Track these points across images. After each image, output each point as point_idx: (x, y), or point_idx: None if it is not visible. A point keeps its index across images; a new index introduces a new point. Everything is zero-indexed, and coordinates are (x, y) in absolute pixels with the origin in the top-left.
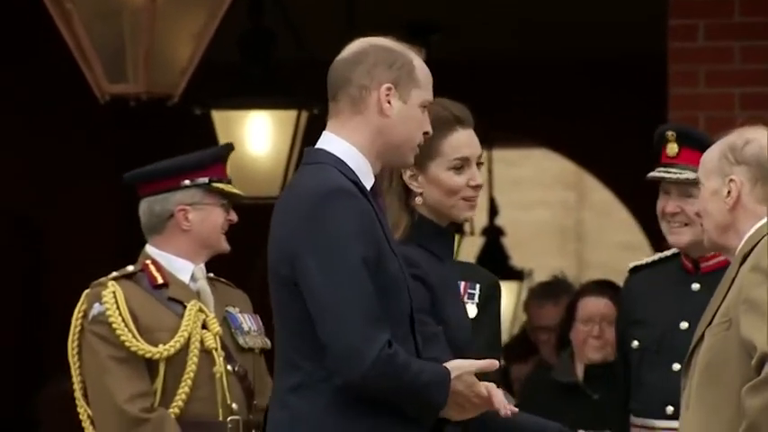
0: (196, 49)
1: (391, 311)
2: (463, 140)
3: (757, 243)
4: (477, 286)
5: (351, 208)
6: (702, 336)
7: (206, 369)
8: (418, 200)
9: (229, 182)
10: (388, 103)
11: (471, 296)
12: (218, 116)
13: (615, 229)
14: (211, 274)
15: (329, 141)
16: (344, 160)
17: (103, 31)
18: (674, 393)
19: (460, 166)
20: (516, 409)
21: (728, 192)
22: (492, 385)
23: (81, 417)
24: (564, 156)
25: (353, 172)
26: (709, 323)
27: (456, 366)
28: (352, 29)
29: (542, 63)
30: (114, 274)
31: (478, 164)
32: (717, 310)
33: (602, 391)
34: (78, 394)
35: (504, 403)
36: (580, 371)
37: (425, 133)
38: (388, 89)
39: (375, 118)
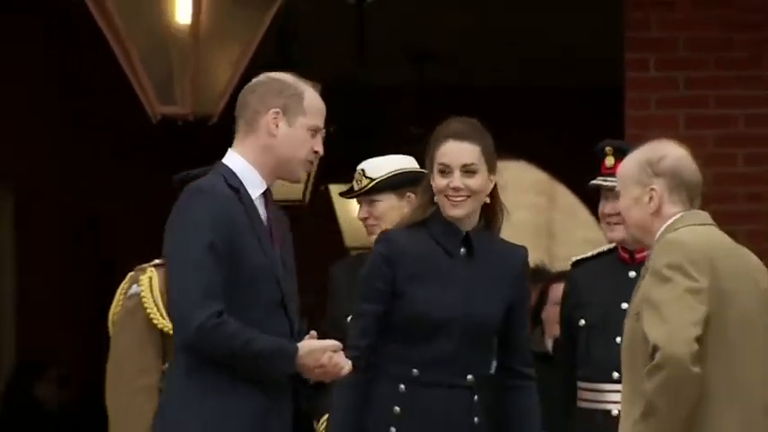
0: (233, 76)
1: (253, 296)
2: (447, 150)
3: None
4: None
5: (205, 203)
6: None
7: None
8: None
9: None
10: (275, 125)
11: None
12: None
13: (579, 227)
14: None
15: (229, 156)
16: (235, 171)
17: (155, 61)
18: (619, 362)
19: (443, 170)
20: (347, 368)
21: (650, 198)
22: (334, 356)
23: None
24: (538, 167)
25: (240, 181)
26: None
27: (306, 344)
28: (363, 57)
29: (522, 92)
30: (156, 261)
31: (468, 172)
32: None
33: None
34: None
35: (339, 367)
36: (549, 344)
37: (315, 152)
38: (276, 113)
39: (264, 138)
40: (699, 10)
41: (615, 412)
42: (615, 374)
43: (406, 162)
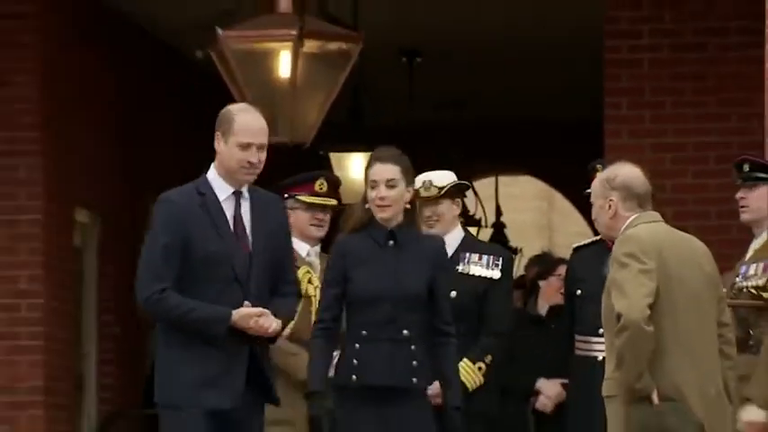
0: (319, 114)
1: (207, 275)
2: (375, 170)
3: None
4: (501, 259)
5: (162, 211)
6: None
7: (307, 307)
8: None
9: (318, 194)
10: (218, 145)
11: (497, 265)
12: (334, 157)
13: (572, 224)
14: (317, 249)
15: (210, 168)
16: (208, 179)
17: (264, 103)
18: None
19: (373, 185)
20: (273, 326)
21: (609, 206)
22: (258, 320)
23: None
24: (541, 180)
25: (210, 186)
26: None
27: (239, 311)
28: (412, 102)
29: (530, 125)
30: None
31: (390, 186)
32: None
33: (557, 323)
34: None
35: (264, 328)
36: (544, 309)
37: (249, 162)
38: (217, 136)
39: (217, 155)
40: (657, 68)
41: (600, 358)
42: (600, 330)
43: (453, 176)
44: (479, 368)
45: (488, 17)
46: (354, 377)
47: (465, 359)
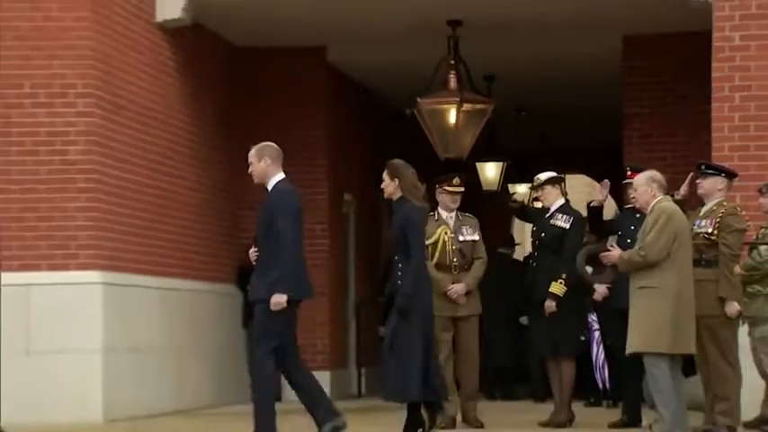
0: (471, 141)
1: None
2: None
3: (651, 210)
4: (572, 218)
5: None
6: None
7: (443, 248)
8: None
9: (454, 186)
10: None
11: (568, 221)
12: (478, 165)
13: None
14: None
15: None
16: None
17: (442, 135)
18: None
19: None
20: None
21: (651, 191)
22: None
23: None
24: (587, 176)
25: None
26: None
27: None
28: (491, 145)
29: (580, 149)
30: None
31: (384, 180)
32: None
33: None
34: None
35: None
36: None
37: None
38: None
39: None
40: (661, 120)
41: None
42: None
43: (551, 173)
44: (560, 282)
45: None
46: None
47: (554, 281)
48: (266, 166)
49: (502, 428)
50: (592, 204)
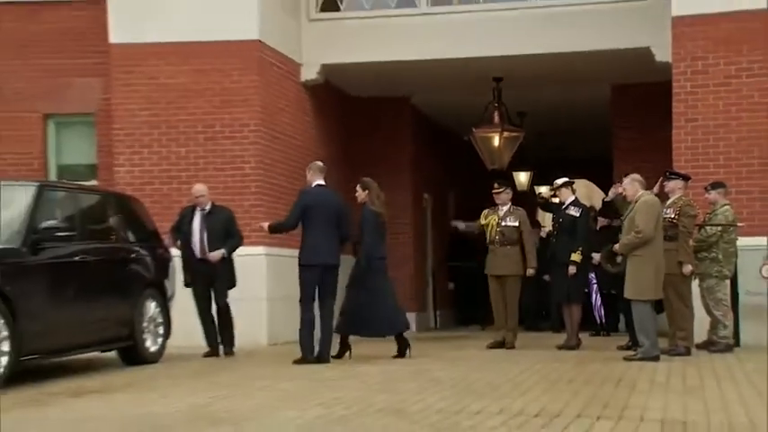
0: (509, 156)
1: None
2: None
3: (637, 201)
4: (581, 209)
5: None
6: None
7: (491, 230)
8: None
9: (496, 188)
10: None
11: (578, 210)
12: (515, 174)
13: (598, 195)
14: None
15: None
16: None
17: (490, 154)
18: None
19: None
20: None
21: (635, 188)
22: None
23: None
24: (588, 180)
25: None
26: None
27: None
28: (522, 159)
29: (572, 161)
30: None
31: (357, 191)
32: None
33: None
34: None
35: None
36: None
37: None
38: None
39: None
40: (638, 141)
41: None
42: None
43: (565, 179)
44: (579, 252)
45: None
46: None
47: (573, 253)
48: (309, 176)
49: (532, 350)
50: (605, 199)
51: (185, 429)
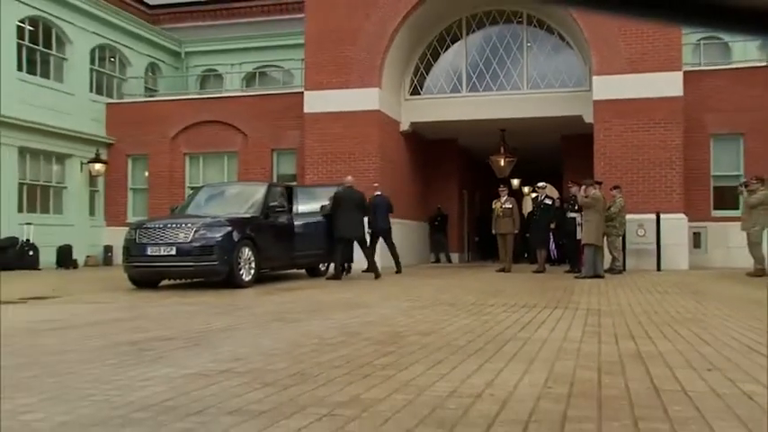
0: (509, 169)
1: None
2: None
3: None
4: (552, 200)
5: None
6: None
7: (496, 212)
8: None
9: (498, 193)
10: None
11: (550, 200)
12: (513, 181)
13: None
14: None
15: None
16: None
17: (498, 169)
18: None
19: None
20: None
21: (586, 188)
22: None
23: None
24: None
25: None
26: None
27: None
28: (515, 171)
29: (542, 172)
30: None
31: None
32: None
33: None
34: None
35: None
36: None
37: None
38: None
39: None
40: (577, 164)
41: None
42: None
43: (543, 183)
44: (552, 225)
45: None
46: None
47: (549, 223)
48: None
49: (520, 273)
50: (572, 195)
51: (340, 309)
